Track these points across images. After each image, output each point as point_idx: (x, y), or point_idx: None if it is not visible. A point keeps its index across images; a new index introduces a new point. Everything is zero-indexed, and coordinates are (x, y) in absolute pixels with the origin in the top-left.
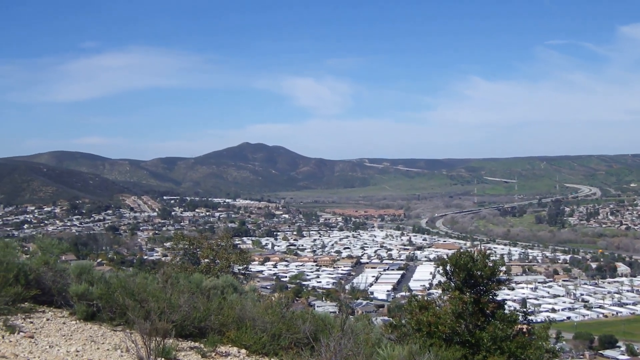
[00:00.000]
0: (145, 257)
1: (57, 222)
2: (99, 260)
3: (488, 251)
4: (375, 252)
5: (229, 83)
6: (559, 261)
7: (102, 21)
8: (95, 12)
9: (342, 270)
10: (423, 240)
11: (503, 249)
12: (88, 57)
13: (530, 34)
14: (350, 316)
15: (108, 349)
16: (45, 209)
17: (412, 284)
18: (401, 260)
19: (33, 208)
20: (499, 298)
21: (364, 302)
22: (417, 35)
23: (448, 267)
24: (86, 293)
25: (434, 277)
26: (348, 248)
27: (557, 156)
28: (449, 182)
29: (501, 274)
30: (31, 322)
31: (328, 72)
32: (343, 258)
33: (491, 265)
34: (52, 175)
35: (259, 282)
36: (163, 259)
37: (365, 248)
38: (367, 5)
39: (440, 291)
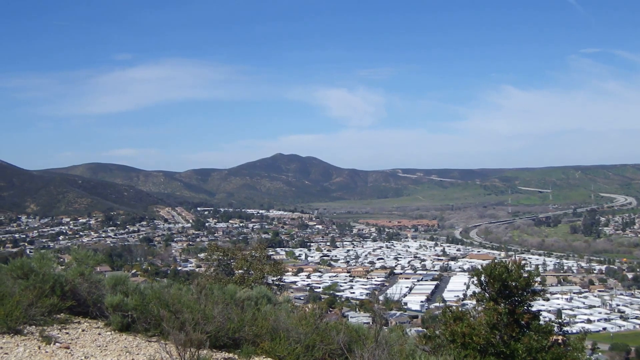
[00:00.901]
0: (179, 268)
1: (92, 233)
2: (134, 271)
3: (523, 261)
4: (409, 262)
5: (262, 94)
6: (595, 271)
7: (136, 34)
8: (128, 25)
9: (375, 281)
10: (457, 250)
11: (537, 259)
12: (122, 69)
13: (564, 42)
14: (384, 327)
15: None
16: (80, 221)
17: (446, 295)
18: (435, 270)
19: (68, 219)
20: (534, 309)
21: (398, 313)
22: (449, 45)
23: (482, 278)
24: (121, 304)
25: (467, 287)
26: (381, 259)
27: (592, 165)
28: (482, 192)
29: (536, 284)
30: (67, 333)
31: (361, 83)
32: (376, 269)
33: (526, 275)
34: (87, 187)
35: (292, 292)
36: (197, 269)
37: (399, 259)
38: (399, 15)
39: (474, 302)
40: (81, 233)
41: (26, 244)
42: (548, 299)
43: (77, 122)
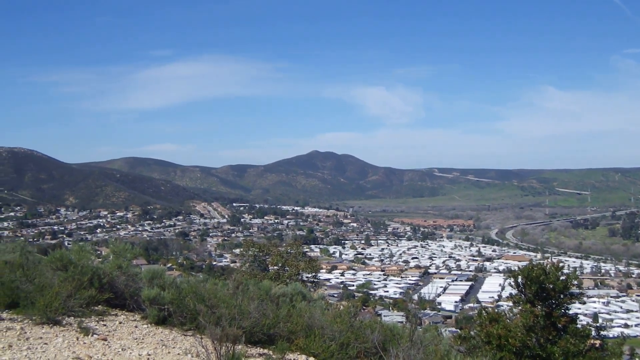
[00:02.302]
0: (214, 263)
1: (129, 226)
2: (169, 265)
3: (560, 264)
4: (444, 262)
5: (300, 92)
6: (633, 275)
7: (175, 30)
8: (168, 21)
9: (409, 280)
10: (492, 251)
11: (574, 261)
12: (161, 65)
13: (607, 42)
14: (418, 327)
15: (179, 354)
16: (117, 214)
17: (481, 296)
18: (470, 271)
19: (106, 213)
20: (571, 312)
21: (432, 313)
22: (488, 45)
23: (520, 280)
24: (158, 297)
25: (503, 288)
26: (416, 258)
27: (632, 168)
28: (519, 193)
29: (573, 287)
30: (104, 325)
31: (399, 82)
32: (411, 268)
33: (564, 278)
34: (125, 181)
35: (326, 290)
36: (232, 265)
37: (434, 258)
38: (438, 14)
39: (510, 303)
40: (118, 226)
41: (65, 236)
42: (584, 302)
43: (116, 117)
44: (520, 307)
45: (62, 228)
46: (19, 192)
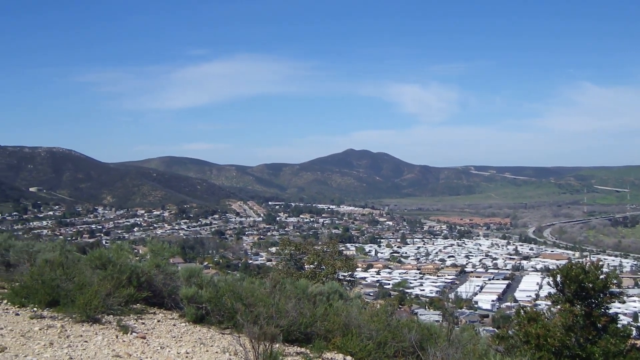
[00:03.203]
0: (250, 261)
1: (166, 225)
2: (206, 263)
3: (599, 262)
4: (480, 261)
5: (335, 90)
6: None
7: (211, 29)
8: (204, 20)
9: (446, 278)
10: (530, 249)
11: (614, 260)
12: (197, 64)
13: None
14: (455, 326)
15: (217, 352)
16: (154, 213)
17: (518, 295)
18: (507, 269)
19: (143, 212)
20: (611, 311)
21: (468, 312)
22: (525, 41)
23: (558, 279)
24: (195, 296)
25: (540, 287)
26: (452, 256)
27: None
28: (557, 190)
29: (613, 286)
30: (143, 323)
31: (434, 79)
32: (447, 266)
33: (603, 277)
34: (162, 180)
35: (362, 288)
36: (267, 263)
37: (470, 257)
38: (474, 10)
39: (549, 303)
40: (155, 225)
41: (102, 234)
42: (624, 302)
43: (153, 116)
44: (559, 307)
45: (100, 227)
46: (57, 192)
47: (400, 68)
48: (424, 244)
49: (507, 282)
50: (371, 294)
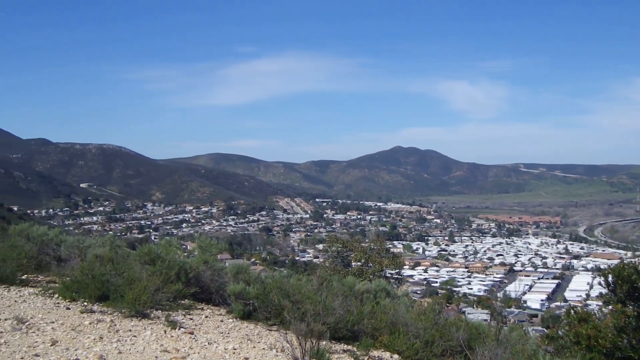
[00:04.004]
0: (297, 258)
1: (214, 221)
2: (253, 260)
3: None
4: (529, 259)
5: (383, 87)
6: None
7: (259, 26)
8: (252, 18)
9: (494, 277)
10: (580, 249)
11: None
12: (245, 61)
13: None
14: (504, 325)
15: (264, 348)
16: (202, 209)
17: (568, 294)
18: (556, 269)
19: (191, 208)
20: None
21: (517, 311)
22: (576, 36)
23: (610, 279)
24: (243, 292)
25: (591, 287)
26: (501, 255)
27: None
28: (609, 189)
29: None
30: (191, 319)
31: (483, 75)
32: (495, 265)
33: None
34: (210, 177)
35: (409, 286)
36: (314, 260)
37: (519, 255)
38: (524, 5)
39: (600, 303)
40: (203, 221)
41: (151, 230)
42: None
43: (201, 113)
44: (610, 307)
45: (149, 223)
46: (107, 188)
47: (449, 64)
48: (472, 242)
49: (556, 281)
50: (418, 292)
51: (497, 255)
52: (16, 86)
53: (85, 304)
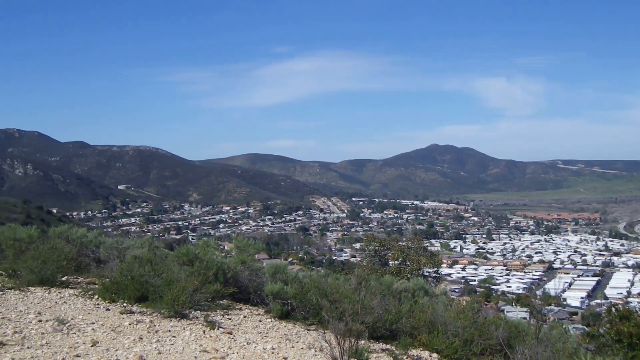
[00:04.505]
0: (334, 257)
1: (251, 222)
2: (290, 259)
3: None
4: (569, 257)
5: (418, 85)
6: None
7: (294, 26)
8: (287, 18)
9: (533, 275)
10: (620, 245)
11: None
12: (280, 62)
13: None
14: (543, 323)
15: (302, 348)
16: (239, 210)
17: (608, 292)
18: (596, 266)
19: (228, 208)
20: None
21: (556, 309)
22: (615, 31)
23: None
24: (281, 292)
25: (632, 284)
26: (539, 252)
27: None
28: None
29: None
30: (229, 319)
31: (520, 72)
32: (534, 262)
33: None
34: (246, 177)
35: (447, 285)
36: (352, 259)
37: (558, 253)
38: (559, 2)
39: None
40: (240, 221)
41: (189, 231)
42: None
43: (237, 114)
44: None
45: (186, 223)
46: (145, 189)
47: (486, 61)
48: (510, 240)
49: (596, 278)
50: (456, 291)
51: (536, 252)
52: (54, 90)
53: (125, 304)
